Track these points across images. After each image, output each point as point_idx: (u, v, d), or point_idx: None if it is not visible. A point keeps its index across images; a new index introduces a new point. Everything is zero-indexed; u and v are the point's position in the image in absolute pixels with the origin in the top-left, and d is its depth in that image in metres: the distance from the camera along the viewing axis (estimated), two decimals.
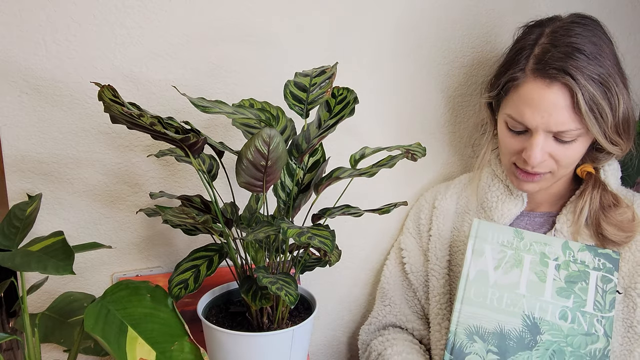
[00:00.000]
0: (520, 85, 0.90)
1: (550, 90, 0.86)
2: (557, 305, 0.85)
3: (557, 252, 0.89)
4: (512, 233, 0.92)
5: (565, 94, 0.85)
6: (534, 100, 0.87)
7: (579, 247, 0.89)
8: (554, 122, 0.86)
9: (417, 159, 0.82)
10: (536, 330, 0.84)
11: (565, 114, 0.85)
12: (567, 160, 0.90)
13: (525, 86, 0.89)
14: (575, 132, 0.87)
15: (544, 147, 0.88)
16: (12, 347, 0.99)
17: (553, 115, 0.86)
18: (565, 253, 0.89)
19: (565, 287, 0.86)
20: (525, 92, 0.89)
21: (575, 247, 0.89)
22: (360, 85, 1.06)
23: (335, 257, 0.92)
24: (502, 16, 1.14)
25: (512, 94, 0.91)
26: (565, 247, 0.90)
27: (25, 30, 0.86)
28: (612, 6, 1.22)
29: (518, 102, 0.90)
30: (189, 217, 0.77)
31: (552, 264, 0.88)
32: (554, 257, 0.89)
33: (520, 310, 0.85)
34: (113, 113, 0.70)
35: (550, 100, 0.86)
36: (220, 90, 0.98)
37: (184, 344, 0.70)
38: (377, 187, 1.14)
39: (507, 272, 0.88)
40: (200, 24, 0.94)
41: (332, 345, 1.22)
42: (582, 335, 0.83)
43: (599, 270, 0.87)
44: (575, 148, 0.89)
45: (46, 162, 0.92)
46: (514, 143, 0.93)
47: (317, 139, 0.79)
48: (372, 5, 1.04)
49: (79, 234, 0.96)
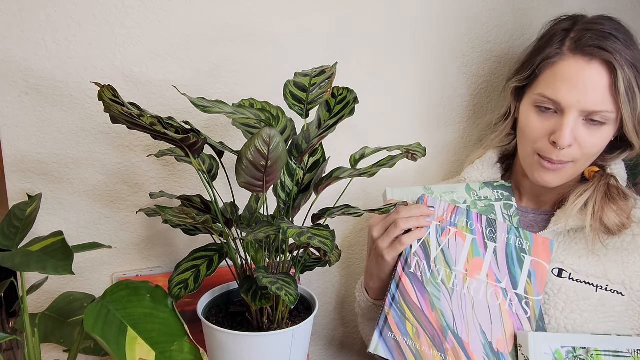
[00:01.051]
0: (557, 62, 0.89)
1: (590, 67, 0.85)
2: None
3: (464, 195, 0.97)
4: (422, 190, 0.96)
5: (605, 72, 0.85)
6: (572, 76, 0.86)
7: (478, 185, 0.99)
8: (590, 101, 0.85)
9: (417, 159, 0.82)
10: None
11: (602, 92, 0.85)
12: (591, 148, 0.89)
13: (563, 63, 0.88)
14: (606, 115, 0.86)
15: (574, 129, 0.87)
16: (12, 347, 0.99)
17: (590, 93, 0.85)
18: (470, 194, 0.97)
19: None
20: (563, 69, 0.88)
21: (476, 187, 0.99)
22: (360, 85, 1.06)
23: (335, 257, 0.92)
24: (502, 16, 1.14)
25: (547, 72, 0.90)
26: (469, 190, 0.98)
27: (25, 30, 0.86)
28: (612, 6, 1.22)
29: (554, 80, 0.88)
30: (189, 217, 0.77)
31: (464, 207, 0.96)
32: (462, 200, 0.97)
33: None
34: (113, 113, 0.70)
35: (589, 77, 0.85)
36: (220, 90, 0.98)
37: (184, 344, 0.70)
38: (377, 187, 1.14)
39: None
40: (200, 24, 0.94)
41: (332, 345, 1.22)
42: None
43: (500, 200, 0.97)
44: (602, 135, 0.89)
45: (46, 162, 0.92)
46: (541, 127, 0.91)
47: (317, 139, 0.79)
48: (372, 5, 1.04)
49: (79, 234, 0.96)
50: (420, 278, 0.89)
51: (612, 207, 0.90)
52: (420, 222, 0.90)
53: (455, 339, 0.86)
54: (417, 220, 0.90)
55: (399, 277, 0.90)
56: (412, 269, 0.90)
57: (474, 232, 0.92)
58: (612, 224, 0.90)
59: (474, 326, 0.87)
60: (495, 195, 0.98)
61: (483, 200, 0.97)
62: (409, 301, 0.89)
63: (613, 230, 0.90)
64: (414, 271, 0.90)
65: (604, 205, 0.91)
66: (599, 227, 0.90)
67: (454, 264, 0.90)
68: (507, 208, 0.96)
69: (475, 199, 0.97)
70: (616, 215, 0.90)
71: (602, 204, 0.91)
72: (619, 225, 0.90)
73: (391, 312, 0.88)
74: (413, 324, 0.87)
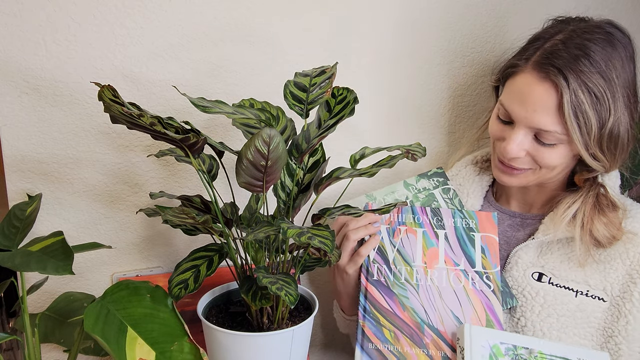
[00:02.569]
0: (517, 73, 0.89)
1: (541, 85, 0.85)
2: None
3: (404, 192, 1.00)
4: (365, 198, 0.99)
5: (554, 94, 0.84)
6: (523, 92, 0.87)
7: (414, 179, 1.02)
8: (537, 120, 0.85)
9: (417, 159, 0.82)
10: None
11: (549, 114, 0.84)
12: (547, 163, 0.89)
13: (520, 75, 0.88)
14: (556, 136, 0.85)
15: (522, 143, 0.88)
16: (12, 347, 0.99)
17: (538, 112, 0.85)
18: (410, 189, 1.01)
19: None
20: (518, 82, 0.89)
21: (412, 181, 1.02)
22: (360, 85, 1.06)
23: (335, 257, 0.91)
24: (502, 16, 1.14)
25: (509, 81, 0.92)
26: (407, 185, 1.01)
27: (25, 30, 0.86)
28: (612, 6, 1.22)
29: (510, 91, 0.90)
30: (189, 217, 0.77)
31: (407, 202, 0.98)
32: (404, 197, 1.00)
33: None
34: (113, 113, 0.70)
35: (537, 96, 0.85)
36: (220, 90, 0.98)
37: (184, 344, 0.70)
38: (377, 187, 1.14)
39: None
40: (200, 24, 0.94)
41: (332, 345, 1.22)
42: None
43: (437, 187, 1.01)
44: (556, 153, 0.88)
45: (46, 162, 0.92)
46: (498, 130, 0.93)
47: (317, 139, 0.79)
48: (372, 5, 1.04)
49: (79, 234, 0.96)
50: (385, 283, 0.92)
51: (602, 219, 0.90)
52: (369, 229, 0.92)
53: (432, 331, 0.88)
54: (366, 229, 0.92)
55: (364, 287, 0.92)
56: (375, 276, 0.92)
57: (422, 225, 0.96)
58: (602, 236, 0.89)
59: (446, 313, 0.89)
60: (432, 184, 1.01)
61: (422, 192, 1.00)
62: (379, 308, 0.91)
63: (603, 243, 0.89)
64: (377, 278, 0.92)
65: (592, 217, 0.90)
66: (589, 239, 0.89)
67: (412, 260, 0.93)
68: (445, 192, 1.01)
69: (416, 193, 1.00)
70: (605, 228, 0.89)
71: (590, 216, 0.90)
72: (609, 238, 0.89)
73: (366, 324, 0.90)
74: (389, 328, 0.89)
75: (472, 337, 0.84)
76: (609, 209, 0.91)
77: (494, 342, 0.84)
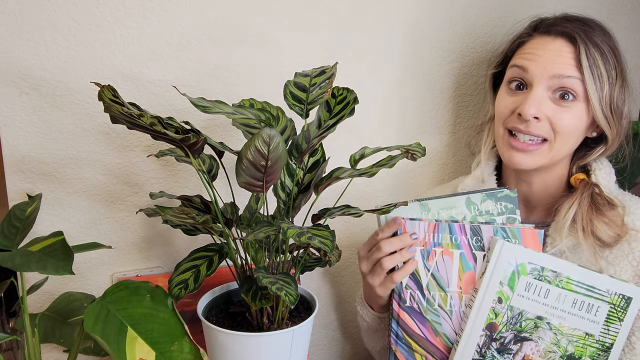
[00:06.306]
0: (526, 41, 0.94)
1: (555, 42, 0.90)
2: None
3: (464, 211, 0.89)
4: (418, 207, 0.89)
5: (570, 46, 0.89)
6: (539, 48, 0.91)
7: (480, 198, 0.89)
8: (557, 67, 0.88)
9: (417, 158, 0.82)
10: None
11: (567, 60, 0.88)
12: (564, 127, 0.89)
13: (531, 40, 0.93)
14: (573, 83, 0.87)
15: (540, 102, 0.89)
16: (12, 347, 0.99)
17: (556, 61, 0.88)
18: (470, 209, 0.89)
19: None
20: (531, 45, 0.93)
21: (477, 200, 0.89)
22: (360, 85, 1.06)
23: (335, 257, 0.91)
24: (502, 17, 1.14)
25: (517, 51, 0.95)
26: (469, 204, 0.89)
27: (25, 30, 0.86)
28: (612, 6, 1.22)
29: (523, 53, 0.93)
30: (189, 217, 0.77)
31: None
32: (462, 216, 0.89)
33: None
34: (113, 113, 0.70)
35: (554, 48, 0.89)
36: (220, 90, 0.98)
37: (184, 344, 0.70)
38: (377, 187, 1.14)
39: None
40: (200, 24, 0.94)
41: (332, 345, 1.22)
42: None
43: (503, 214, 0.89)
44: (572, 114, 0.89)
45: (46, 162, 0.92)
46: (510, 103, 0.93)
47: (317, 139, 0.79)
48: (372, 5, 1.04)
49: (79, 234, 0.96)
50: (418, 309, 0.88)
51: (602, 218, 0.89)
52: (404, 255, 0.87)
53: None
54: (401, 255, 0.87)
55: (396, 314, 0.89)
56: (408, 302, 0.88)
57: (460, 246, 0.87)
58: (607, 235, 0.89)
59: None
60: (498, 209, 0.89)
61: (484, 215, 0.89)
62: (412, 334, 0.88)
63: (609, 243, 0.89)
64: (409, 304, 0.88)
65: (592, 218, 0.89)
66: (593, 241, 0.89)
67: (446, 285, 0.88)
68: (510, 222, 0.89)
69: (476, 214, 0.89)
70: (608, 227, 0.89)
71: (589, 217, 0.90)
72: (614, 237, 0.89)
73: (398, 349, 0.89)
74: (421, 353, 0.88)
75: (502, 252, 0.83)
76: (606, 207, 0.91)
77: (522, 260, 0.83)
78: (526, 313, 0.85)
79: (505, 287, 0.84)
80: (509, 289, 0.83)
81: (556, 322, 0.85)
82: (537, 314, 0.84)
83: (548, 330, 0.85)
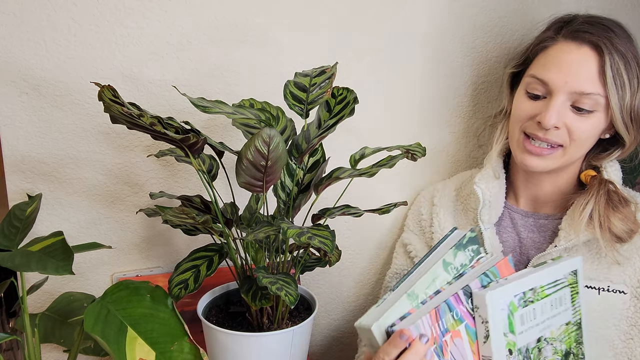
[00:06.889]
0: (549, 47, 0.92)
1: (579, 50, 0.88)
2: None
3: (445, 277, 0.81)
4: (406, 301, 0.78)
5: (594, 56, 0.87)
6: (561, 58, 0.89)
7: (452, 253, 0.82)
8: (578, 82, 0.87)
9: (417, 158, 0.82)
10: None
11: (590, 74, 0.87)
12: (580, 134, 0.89)
13: (554, 47, 0.91)
14: (595, 100, 0.87)
15: (560, 112, 0.88)
16: (12, 347, 0.99)
17: (579, 74, 0.87)
18: (449, 270, 0.82)
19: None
20: (554, 52, 0.91)
21: (450, 258, 0.82)
22: (360, 85, 1.06)
23: (335, 257, 0.92)
24: (503, 17, 1.14)
25: (539, 56, 0.93)
26: (446, 265, 0.82)
27: (25, 30, 0.86)
28: (612, 6, 1.22)
29: (544, 62, 0.91)
30: (189, 217, 0.77)
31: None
32: (446, 282, 0.81)
33: None
34: (113, 113, 0.70)
35: (576, 59, 0.88)
36: (220, 90, 0.98)
37: (184, 344, 0.70)
38: (377, 187, 1.14)
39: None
40: (200, 24, 0.94)
41: (332, 345, 1.22)
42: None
43: (473, 258, 0.85)
44: (591, 123, 0.89)
45: (46, 162, 0.92)
46: (529, 108, 0.92)
47: (317, 139, 0.79)
48: (372, 5, 1.04)
49: (79, 234, 0.96)
50: None
51: (617, 215, 0.91)
52: None
53: None
54: None
55: None
56: None
57: (462, 318, 0.80)
58: (621, 231, 0.90)
59: None
60: (468, 256, 0.85)
61: (461, 269, 0.84)
62: None
63: (624, 238, 0.90)
64: None
65: (608, 215, 0.91)
66: (610, 237, 0.90)
67: None
68: (481, 262, 0.85)
69: (455, 274, 0.83)
70: (623, 223, 0.90)
71: (606, 214, 0.91)
72: (628, 232, 0.90)
73: None
74: None
75: (493, 304, 0.79)
76: (621, 204, 0.92)
77: (509, 298, 0.81)
78: (530, 345, 0.84)
79: (509, 335, 0.81)
80: (512, 334, 0.81)
81: (548, 334, 0.85)
82: (536, 337, 0.84)
83: (547, 345, 0.85)
